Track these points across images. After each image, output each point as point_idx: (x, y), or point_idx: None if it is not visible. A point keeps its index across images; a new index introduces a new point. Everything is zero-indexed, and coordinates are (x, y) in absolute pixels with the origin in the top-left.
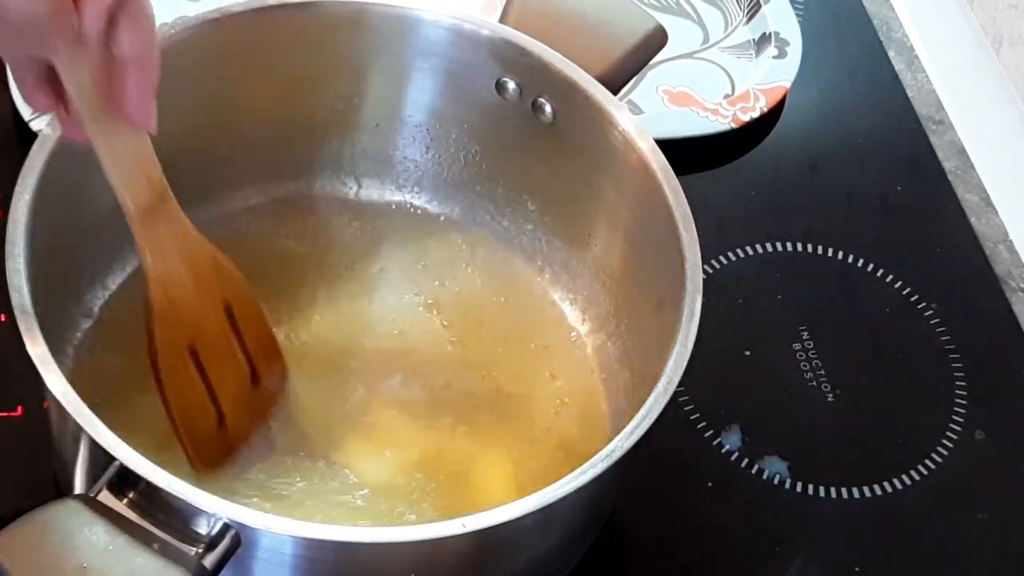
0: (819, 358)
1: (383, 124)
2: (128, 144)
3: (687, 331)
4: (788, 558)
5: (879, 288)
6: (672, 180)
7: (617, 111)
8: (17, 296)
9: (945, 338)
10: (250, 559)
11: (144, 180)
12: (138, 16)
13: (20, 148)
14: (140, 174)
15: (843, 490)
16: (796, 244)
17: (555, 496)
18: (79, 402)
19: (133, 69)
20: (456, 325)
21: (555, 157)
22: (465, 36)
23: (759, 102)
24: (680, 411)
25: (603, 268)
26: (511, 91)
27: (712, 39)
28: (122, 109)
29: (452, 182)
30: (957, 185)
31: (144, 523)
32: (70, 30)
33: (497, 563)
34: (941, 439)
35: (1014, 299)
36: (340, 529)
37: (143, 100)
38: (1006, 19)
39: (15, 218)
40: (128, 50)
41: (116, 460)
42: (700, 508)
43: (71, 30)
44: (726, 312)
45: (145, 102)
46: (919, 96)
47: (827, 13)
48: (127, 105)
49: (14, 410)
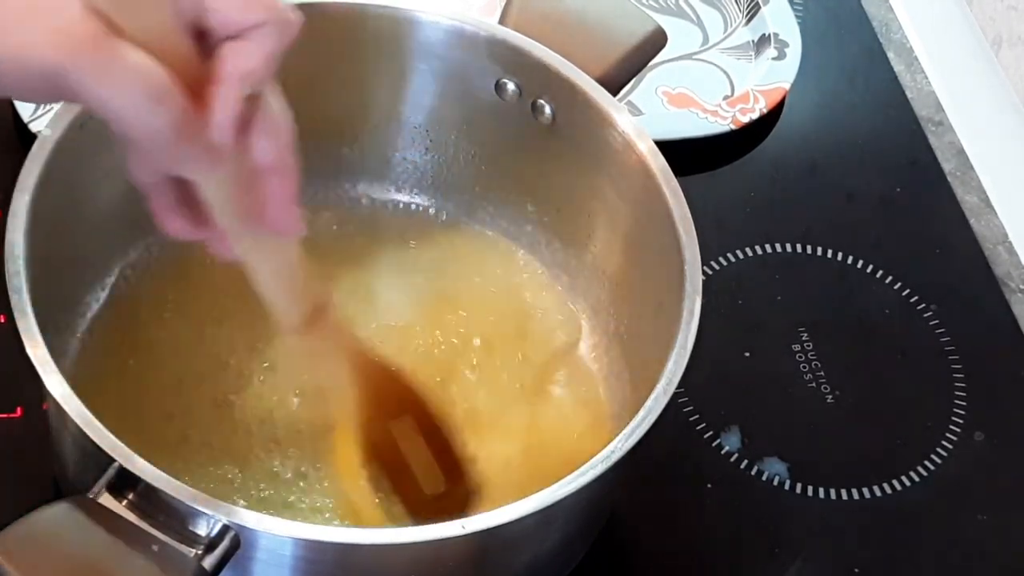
0: (819, 359)
1: (382, 125)
2: (280, 255)
3: (687, 332)
4: (788, 559)
5: (878, 289)
6: (672, 181)
7: (616, 112)
8: (17, 297)
9: (945, 339)
10: (249, 561)
11: (300, 291)
12: (274, 121)
13: (20, 148)
14: (297, 284)
15: (843, 491)
16: (795, 245)
17: (555, 497)
18: (79, 404)
19: (272, 177)
20: (455, 326)
21: (554, 158)
22: (464, 37)
23: (758, 103)
24: (680, 412)
25: (603, 269)
26: (510, 92)
27: (711, 40)
28: (266, 219)
29: (451, 183)
30: (956, 186)
31: (143, 525)
32: (200, 142)
33: (497, 564)
34: (941, 440)
35: (1013, 300)
36: (340, 531)
37: (287, 207)
38: (1005, 20)
39: (15, 218)
40: (264, 158)
41: (115, 461)
42: (700, 509)
43: (202, 142)
44: (726, 313)
45: (288, 210)
46: (918, 97)
47: (826, 14)
48: (270, 216)
49: (14, 411)
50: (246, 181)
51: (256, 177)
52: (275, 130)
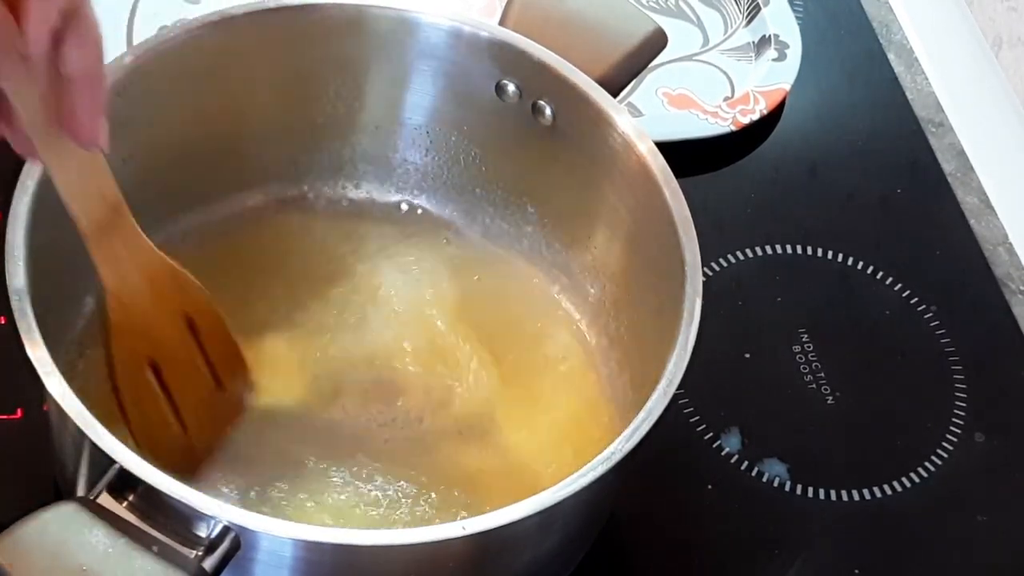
0: (819, 360)
1: (383, 126)
2: (79, 161)
3: (687, 333)
4: (788, 560)
5: (879, 290)
6: (672, 182)
7: (617, 113)
8: (17, 298)
9: (945, 340)
10: (250, 562)
11: (97, 196)
12: (86, 34)
13: None
14: (93, 191)
15: (843, 492)
16: (796, 246)
17: (555, 498)
18: (79, 405)
19: (81, 88)
20: (455, 327)
21: (555, 159)
22: (465, 38)
23: (759, 104)
24: (680, 413)
25: (603, 270)
26: (511, 93)
27: (712, 41)
28: (70, 128)
29: (452, 184)
30: (956, 187)
31: (144, 526)
32: (14, 50)
33: (497, 566)
34: (941, 441)
35: (1014, 301)
36: (340, 532)
37: (92, 119)
38: (1005, 21)
39: (15, 219)
40: (75, 69)
41: (116, 463)
42: (700, 510)
43: (15, 50)
44: (726, 314)
45: (94, 121)
46: (918, 98)
47: (827, 15)
48: (75, 124)
49: (14, 413)
50: (54, 89)
51: (64, 86)
52: (88, 42)
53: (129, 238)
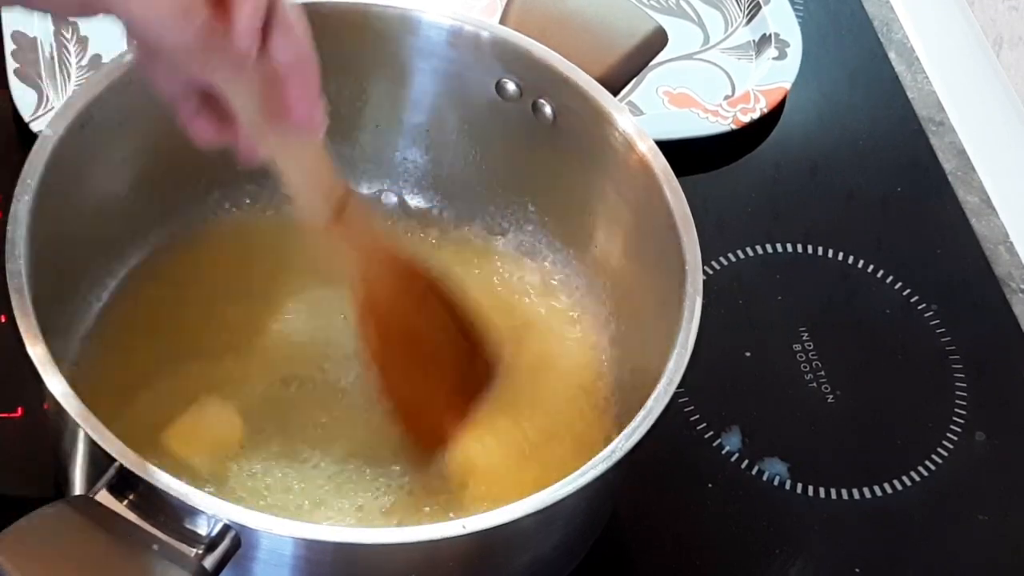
0: (819, 359)
1: (383, 125)
2: (305, 153)
3: (687, 332)
4: (788, 559)
5: (879, 289)
6: (672, 181)
7: (617, 112)
8: (17, 297)
9: (945, 339)
10: (250, 560)
11: (328, 185)
12: (290, 23)
13: (20, 148)
14: (323, 180)
15: (843, 491)
16: (796, 245)
17: (555, 497)
18: (79, 403)
19: (294, 76)
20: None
21: (555, 158)
22: (465, 37)
23: (759, 103)
24: (680, 412)
25: (603, 269)
26: (511, 92)
27: (712, 40)
28: (290, 118)
29: (452, 183)
30: (957, 186)
31: (144, 524)
32: (224, 50)
33: (497, 564)
34: (941, 440)
35: (1014, 300)
36: (340, 530)
37: (310, 105)
38: (1006, 21)
39: (15, 218)
40: (286, 58)
41: (116, 461)
42: (700, 509)
43: (225, 50)
44: (726, 313)
45: (312, 106)
46: (919, 97)
47: (827, 14)
48: (294, 113)
49: (14, 411)
50: (269, 82)
51: (278, 77)
52: (292, 32)
53: (360, 220)
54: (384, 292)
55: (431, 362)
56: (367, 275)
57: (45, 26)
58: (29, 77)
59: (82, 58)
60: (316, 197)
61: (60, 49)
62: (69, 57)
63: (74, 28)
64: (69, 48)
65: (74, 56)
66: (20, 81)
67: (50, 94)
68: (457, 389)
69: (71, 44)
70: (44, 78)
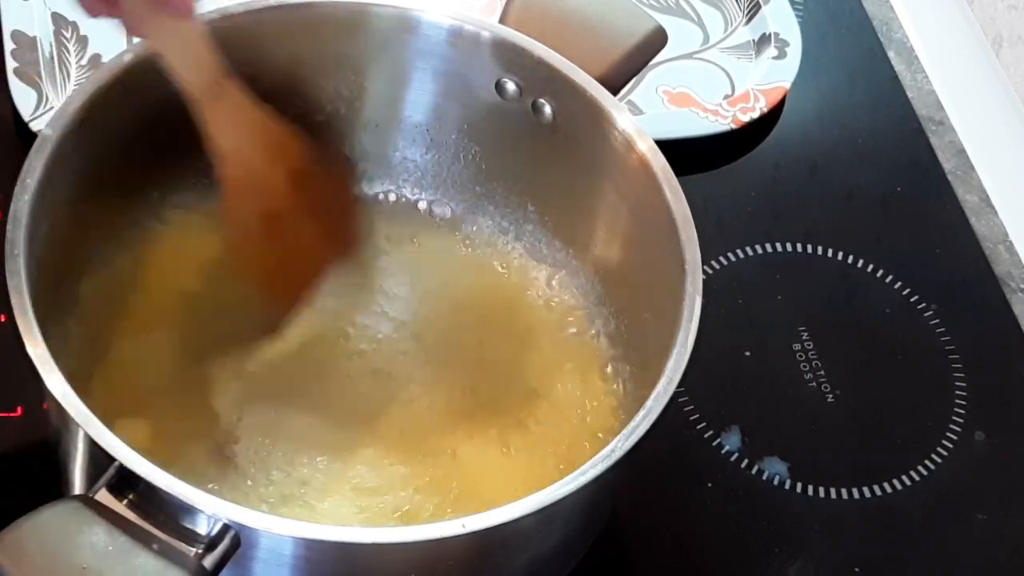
0: (819, 359)
1: (383, 124)
2: (180, 33)
3: (687, 331)
4: (788, 559)
5: (879, 289)
6: (672, 181)
7: (617, 112)
8: (17, 296)
9: (945, 338)
10: (250, 560)
11: (201, 65)
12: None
13: (20, 148)
14: (197, 60)
15: (843, 491)
16: (796, 245)
17: (555, 496)
18: (79, 402)
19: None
20: (455, 324)
21: (555, 158)
22: (465, 37)
23: (759, 103)
24: (680, 412)
25: (603, 268)
26: (511, 92)
27: (712, 40)
28: (166, 3)
29: (452, 182)
30: (957, 186)
31: (144, 523)
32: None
33: (497, 564)
34: (941, 439)
35: (1014, 300)
36: (340, 530)
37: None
38: (1006, 20)
39: (15, 218)
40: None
41: (116, 460)
42: (700, 509)
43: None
44: (726, 313)
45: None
46: (919, 97)
47: (827, 13)
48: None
49: (14, 410)
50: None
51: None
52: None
53: (234, 102)
54: (256, 168)
55: (293, 230)
56: (240, 152)
57: (45, 26)
58: (28, 76)
59: (82, 58)
60: (192, 75)
61: (60, 49)
62: (69, 57)
63: (74, 28)
64: (69, 48)
65: (74, 56)
66: (19, 80)
67: (50, 94)
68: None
69: (71, 44)
70: (44, 78)
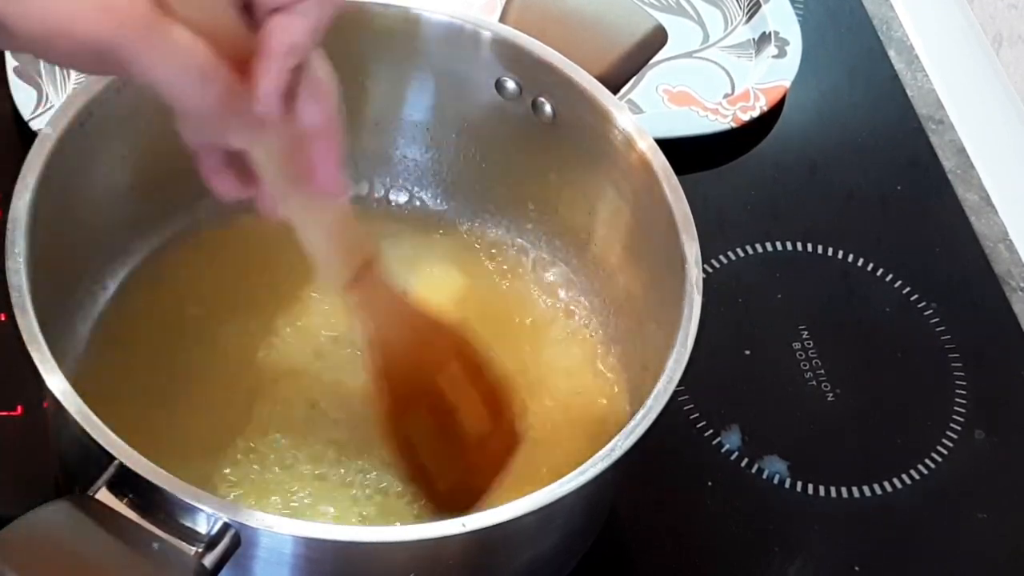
0: (819, 358)
1: (383, 123)
2: (326, 215)
3: (687, 331)
4: (788, 558)
5: (879, 288)
6: (672, 179)
7: (617, 110)
8: (17, 296)
9: (945, 338)
10: (250, 559)
11: (348, 249)
12: (318, 88)
13: (20, 148)
14: (343, 244)
15: (843, 490)
16: (796, 244)
17: (555, 496)
18: (79, 402)
19: (319, 140)
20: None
21: (555, 156)
22: (465, 36)
23: (759, 101)
24: (680, 411)
25: (603, 267)
26: (511, 91)
27: (712, 39)
28: (313, 181)
29: (452, 181)
30: (957, 185)
31: (144, 522)
32: (248, 113)
33: (497, 563)
34: (941, 439)
35: (1014, 299)
36: (340, 529)
37: (332, 169)
38: (1006, 19)
39: (15, 218)
40: (311, 123)
41: (116, 459)
42: (700, 508)
43: (249, 113)
44: (726, 312)
45: (334, 171)
46: (919, 96)
47: (827, 13)
48: (318, 176)
49: (14, 410)
50: (293, 145)
51: (303, 140)
52: (321, 95)
53: (381, 288)
54: (401, 356)
55: (449, 426)
56: (384, 337)
57: None
58: (28, 75)
59: None
60: (335, 260)
61: None
62: None
63: None
64: None
65: None
66: (19, 79)
67: (49, 92)
68: (476, 455)
69: None
70: (43, 76)
